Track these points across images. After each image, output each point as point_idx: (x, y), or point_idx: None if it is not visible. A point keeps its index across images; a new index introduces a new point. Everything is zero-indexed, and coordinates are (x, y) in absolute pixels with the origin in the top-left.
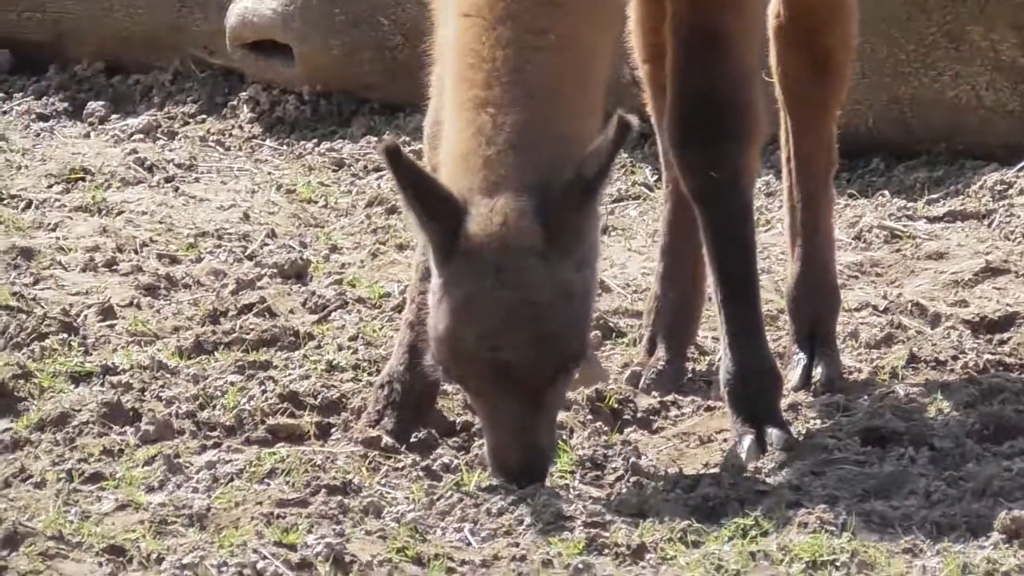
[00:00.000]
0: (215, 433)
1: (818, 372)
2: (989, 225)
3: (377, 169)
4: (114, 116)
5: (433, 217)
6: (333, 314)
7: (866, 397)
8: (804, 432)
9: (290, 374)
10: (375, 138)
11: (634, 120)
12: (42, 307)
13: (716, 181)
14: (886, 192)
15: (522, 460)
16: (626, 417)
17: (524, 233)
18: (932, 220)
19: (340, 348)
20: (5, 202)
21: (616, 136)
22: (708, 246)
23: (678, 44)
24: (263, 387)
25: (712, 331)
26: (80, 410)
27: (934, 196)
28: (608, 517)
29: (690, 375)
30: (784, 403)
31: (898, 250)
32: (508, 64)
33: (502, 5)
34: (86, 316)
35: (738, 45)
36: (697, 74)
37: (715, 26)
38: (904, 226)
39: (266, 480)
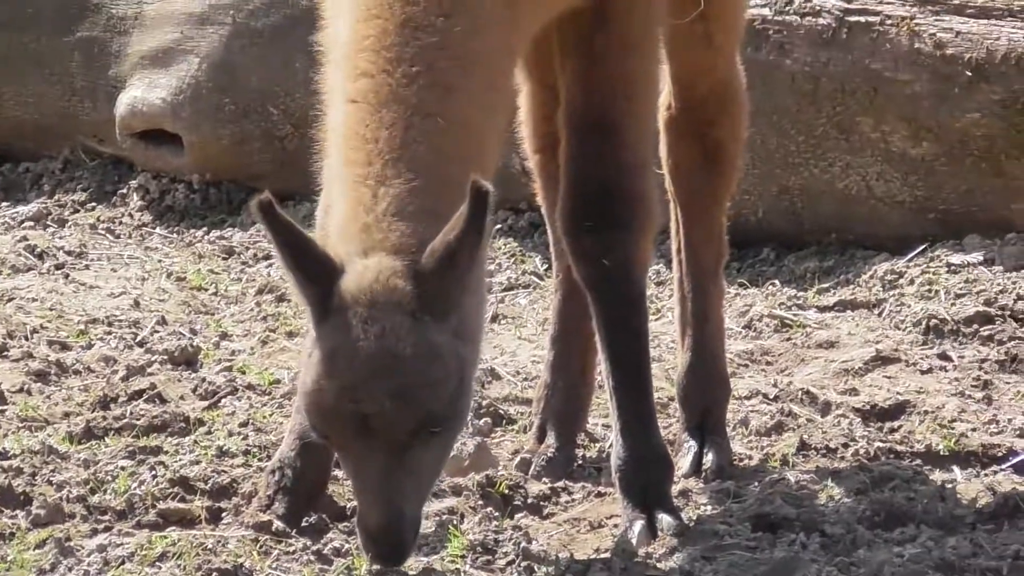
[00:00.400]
0: (106, 517)
1: (709, 459)
2: (879, 314)
3: (267, 257)
4: (4, 203)
5: (308, 276)
6: (223, 400)
7: (757, 484)
8: (695, 518)
9: (180, 459)
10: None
11: (487, 186)
12: None
13: (609, 269)
14: (776, 281)
15: (380, 521)
16: (516, 503)
17: (394, 290)
18: (822, 309)
19: (230, 434)
20: None
21: (471, 202)
22: (600, 334)
23: (571, 133)
24: (154, 472)
25: (602, 418)
26: None
27: (824, 285)
28: None
29: (580, 462)
30: (675, 489)
31: (788, 339)
32: (391, 143)
33: (388, 90)
34: None
35: (631, 135)
36: (590, 163)
37: (608, 116)
38: (794, 315)
39: (157, 564)
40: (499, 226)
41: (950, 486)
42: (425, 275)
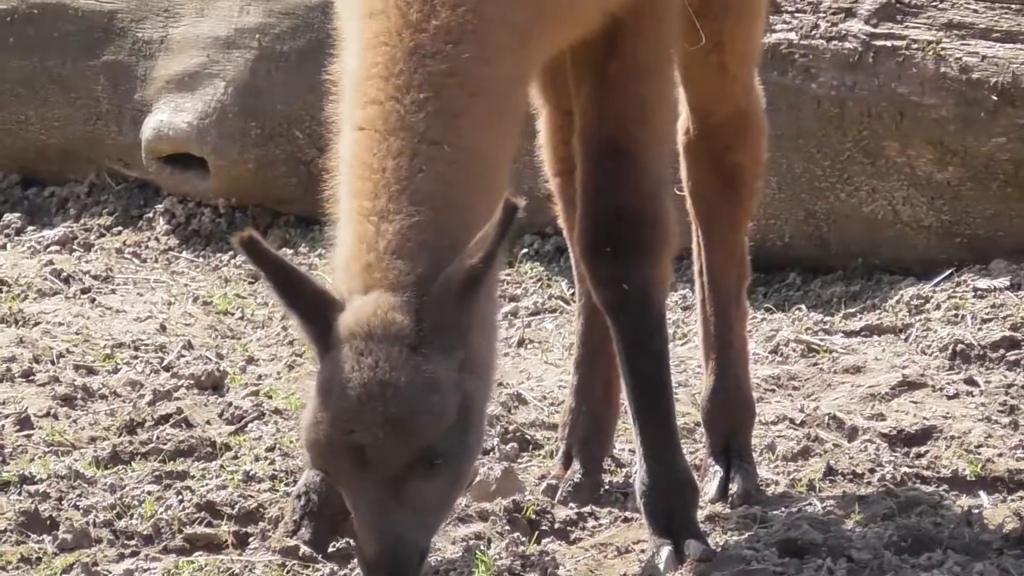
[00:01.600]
0: (133, 542)
1: (735, 484)
2: (906, 339)
3: None
4: (30, 228)
5: (306, 314)
6: (250, 425)
7: (783, 509)
8: (722, 543)
9: (207, 484)
10: (291, 251)
11: (520, 201)
12: None
13: (628, 293)
14: (803, 306)
15: (375, 553)
16: (543, 528)
17: (392, 323)
18: (849, 334)
19: (257, 459)
20: None
21: (502, 218)
22: (621, 358)
23: (587, 157)
24: (180, 496)
25: (629, 443)
26: None
27: (851, 310)
28: None
29: (607, 487)
30: (701, 515)
31: (815, 364)
32: (397, 174)
33: (395, 117)
34: (3, 426)
35: (647, 158)
36: (606, 187)
37: (624, 139)
38: (821, 340)
39: None
40: (525, 250)
41: (977, 511)
42: (429, 309)
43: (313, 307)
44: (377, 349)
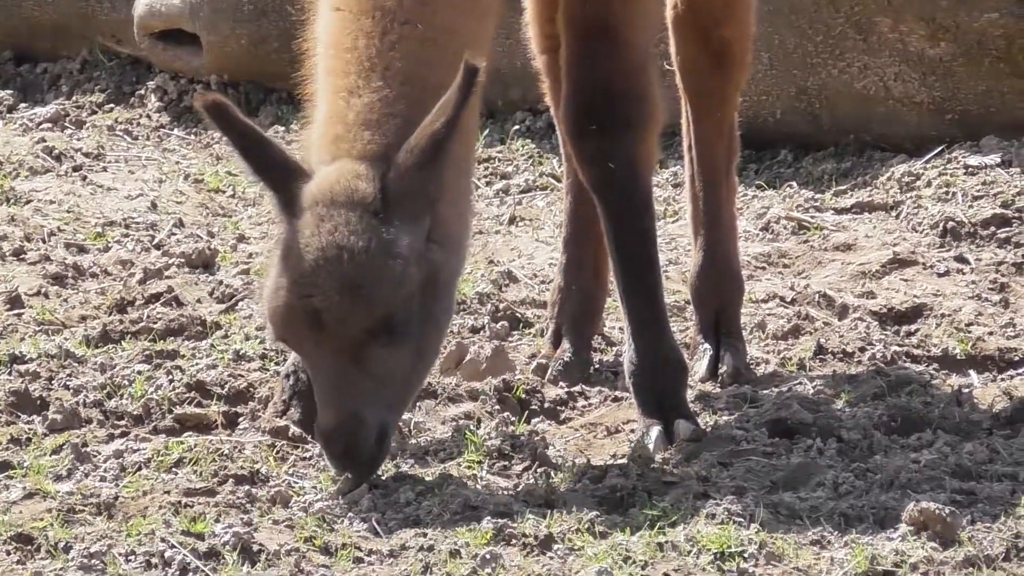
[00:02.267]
0: (123, 422)
1: (725, 363)
2: (897, 216)
3: None
4: (22, 105)
5: (273, 181)
6: (240, 303)
7: (773, 388)
8: (711, 423)
9: (197, 363)
10: (283, 127)
11: (480, 63)
12: None
13: (614, 171)
14: (794, 183)
15: (331, 422)
16: (533, 407)
17: (355, 190)
18: (840, 211)
19: (247, 338)
20: None
21: (462, 82)
22: (608, 236)
23: (571, 36)
24: (170, 377)
25: (619, 321)
26: None
27: (842, 187)
28: (516, 507)
29: (597, 366)
30: (691, 394)
31: (805, 241)
32: (369, 52)
33: None
34: None
35: (630, 35)
36: (590, 65)
37: (606, 17)
38: (812, 217)
39: (174, 469)
40: (516, 127)
41: (967, 391)
42: (394, 177)
43: (279, 174)
44: (338, 215)
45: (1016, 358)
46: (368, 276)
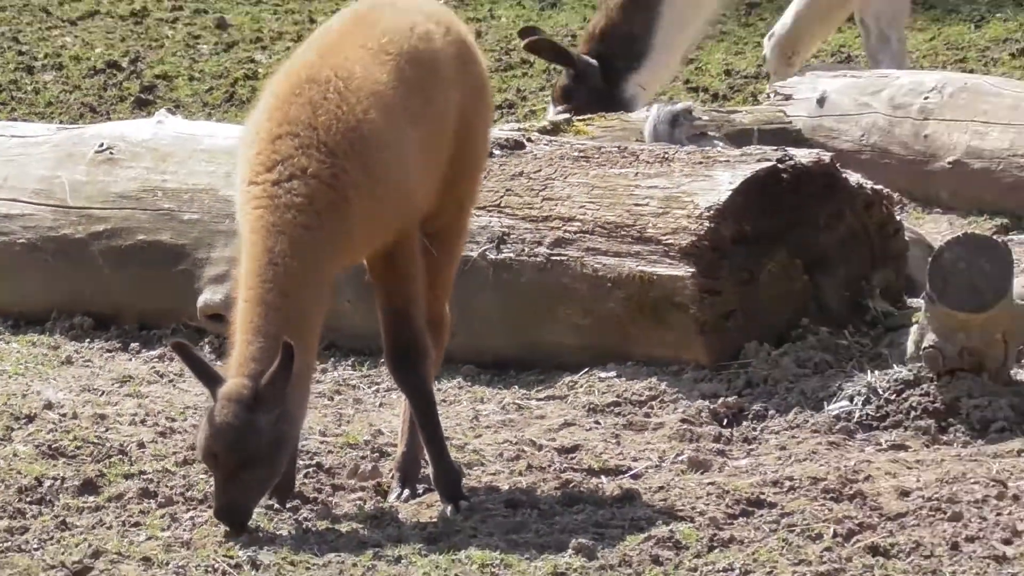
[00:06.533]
0: None
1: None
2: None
3: None
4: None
5: (208, 385)
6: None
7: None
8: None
9: None
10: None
11: (292, 344)
12: None
13: (416, 386)
14: None
15: (220, 507)
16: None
17: (240, 394)
18: None
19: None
20: None
21: (282, 355)
22: (416, 416)
23: (383, 315)
24: None
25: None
26: None
27: None
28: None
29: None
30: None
31: None
32: (254, 323)
33: (256, 298)
34: None
35: (412, 315)
36: (396, 333)
37: (400, 306)
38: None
39: None
40: None
41: None
42: (262, 389)
43: (210, 382)
44: (229, 405)
45: None
46: (240, 441)
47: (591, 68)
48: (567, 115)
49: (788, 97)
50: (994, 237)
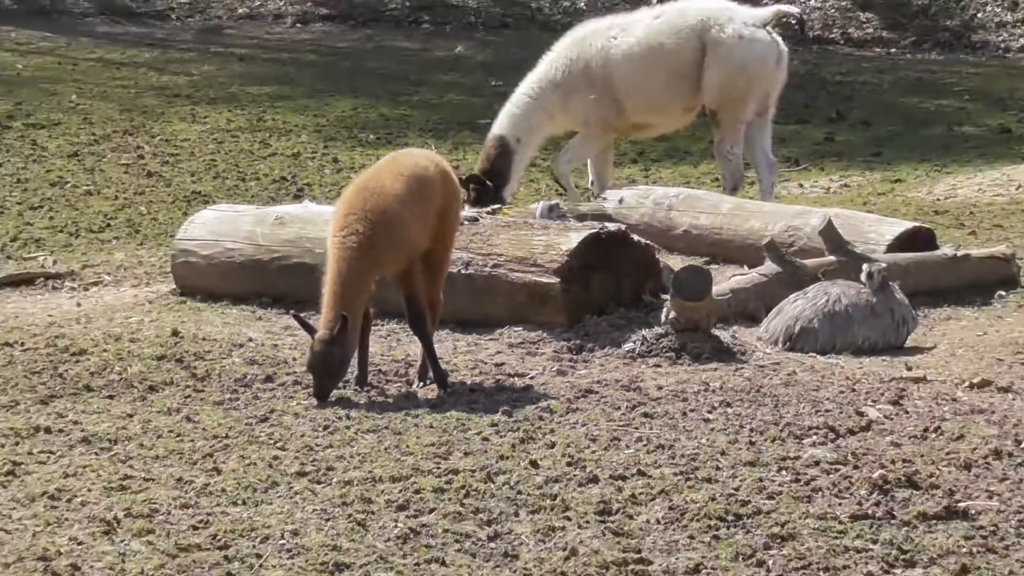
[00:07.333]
0: None
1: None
2: None
3: None
4: None
5: (310, 334)
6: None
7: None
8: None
9: None
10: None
11: (345, 315)
12: None
13: (423, 331)
14: None
15: (316, 394)
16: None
17: (323, 338)
18: None
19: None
20: None
21: (342, 323)
22: (422, 341)
23: (404, 299)
24: None
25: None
26: None
27: None
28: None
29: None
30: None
31: None
32: (335, 299)
33: (338, 283)
34: None
35: (419, 300)
36: (409, 306)
37: (411, 295)
38: None
39: None
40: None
41: None
42: (334, 335)
43: (312, 332)
44: (319, 343)
45: None
46: (323, 360)
47: (487, 185)
48: (499, 206)
49: (606, 198)
50: (703, 266)
